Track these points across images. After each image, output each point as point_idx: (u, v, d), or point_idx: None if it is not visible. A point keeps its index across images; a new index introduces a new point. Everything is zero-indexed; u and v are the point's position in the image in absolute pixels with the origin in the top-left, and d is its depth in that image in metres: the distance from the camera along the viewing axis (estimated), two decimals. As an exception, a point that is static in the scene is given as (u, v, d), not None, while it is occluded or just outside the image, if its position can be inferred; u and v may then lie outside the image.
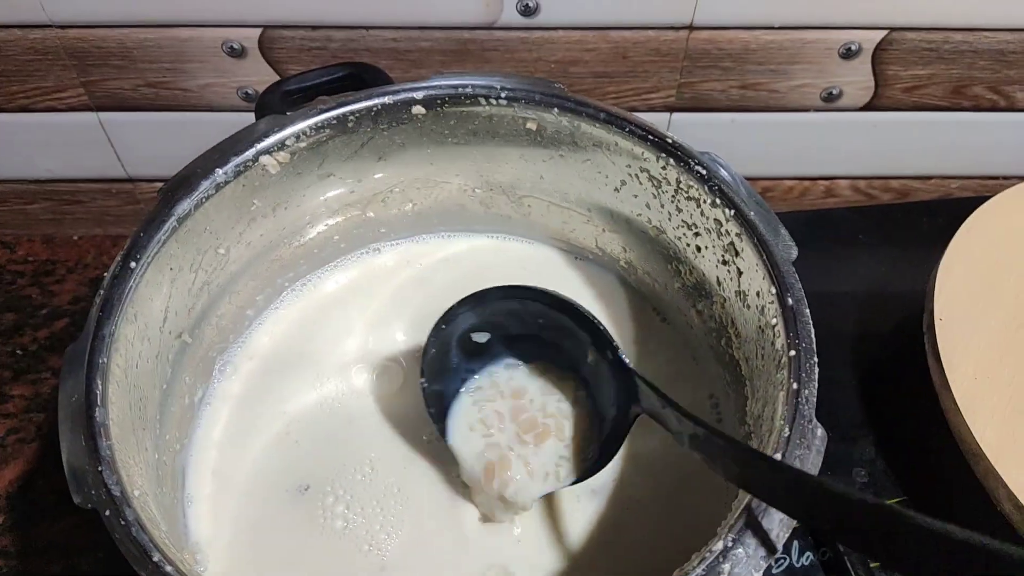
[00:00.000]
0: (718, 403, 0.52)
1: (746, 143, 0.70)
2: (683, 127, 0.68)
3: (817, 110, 0.68)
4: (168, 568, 0.33)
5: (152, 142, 0.67)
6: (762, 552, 0.35)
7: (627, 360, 0.43)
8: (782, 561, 0.51)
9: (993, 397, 0.51)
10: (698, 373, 0.54)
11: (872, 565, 0.50)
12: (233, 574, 0.46)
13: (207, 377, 0.52)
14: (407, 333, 0.56)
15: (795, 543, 0.52)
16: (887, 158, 0.73)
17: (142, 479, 0.39)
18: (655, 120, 0.65)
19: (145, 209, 0.72)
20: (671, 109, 0.67)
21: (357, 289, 0.58)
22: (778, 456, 0.37)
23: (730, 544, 0.35)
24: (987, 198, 0.60)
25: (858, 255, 0.69)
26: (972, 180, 0.76)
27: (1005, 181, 0.75)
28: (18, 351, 0.65)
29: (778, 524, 0.35)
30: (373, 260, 0.59)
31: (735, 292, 0.47)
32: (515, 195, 0.57)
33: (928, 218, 0.71)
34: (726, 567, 0.34)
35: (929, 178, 0.75)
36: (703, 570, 0.34)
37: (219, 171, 0.45)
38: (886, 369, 0.62)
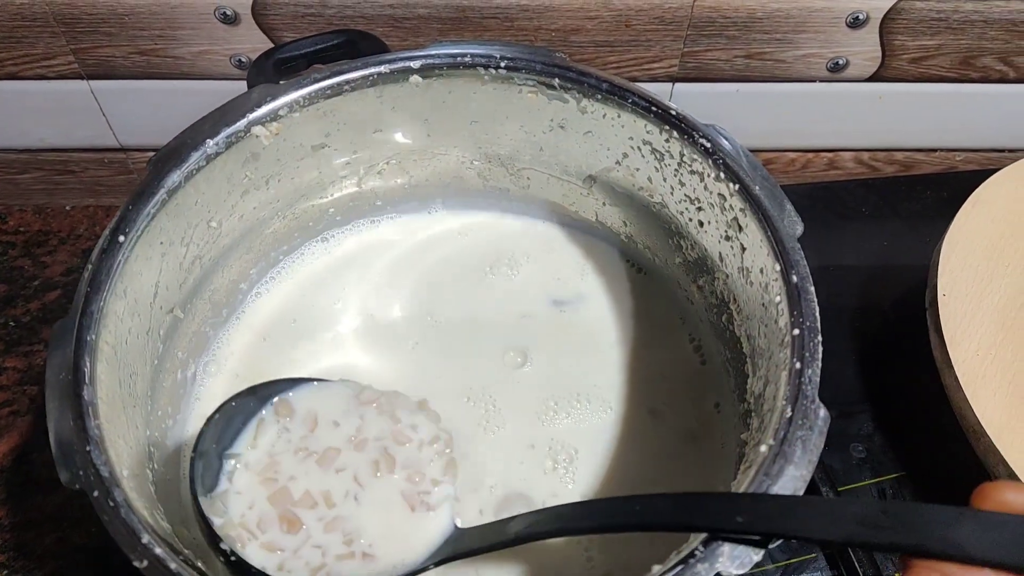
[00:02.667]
0: (700, 346, 0.53)
1: (749, 114, 0.69)
2: (686, 97, 0.67)
3: (823, 81, 0.66)
4: (158, 550, 0.33)
5: (144, 111, 0.66)
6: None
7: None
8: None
9: (996, 375, 0.50)
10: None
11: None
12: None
13: (200, 352, 0.51)
14: (404, 306, 0.56)
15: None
16: (892, 130, 0.72)
17: (132, 458, 0.38)
18: (657, 91, 0.63)
19: (138, 179, 0.71)
20: (674, 79, 0.66)
21: (353, 262, 0.57)
22: (781, 435, 0.36)
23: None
24: (992, 171, 0.59)
25: (860, 228, 0.68)
26: (977, 153, 0.75)
27: (1011, 154, 0.74)
28: (10, 323, 0.65)
29: None
30: (369, 233, 0.58)
31: (738, 268, 0.46)
32: (514, 167, 0.56)
33: (932, 191, 0.70)
34: (725, 548, 0.34)
35: (934, 151, 0.74)
36: (703, 550, 0.34)
37: (210, 142, 0.44)
38: (886, 344, 0.61)
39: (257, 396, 0.43)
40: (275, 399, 0.43)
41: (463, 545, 0.40)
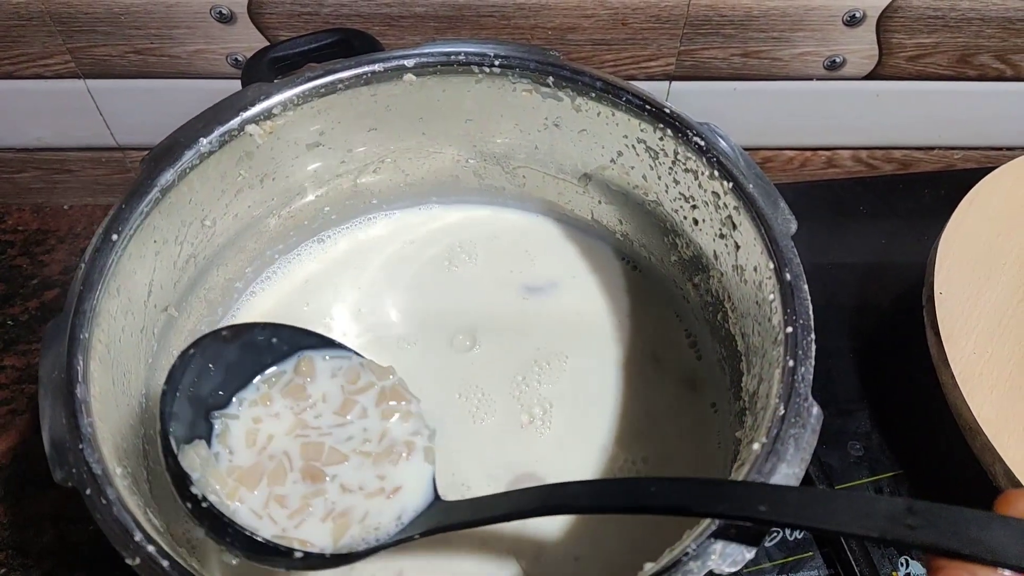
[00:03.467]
0: (696, 341, 0.53)
1: (747, 112, 0.69)
2: (682, 96, 0.67)
3: (820, 79, 0.66)
4: (150, 548, 0.33)
5: (141, 110, 0.66)
6: (753, 532, 0.34)
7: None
8: (775, 535, 0.51)
9: (992, 373, 0.50)
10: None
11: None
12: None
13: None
14: (401, 304, 0.56)
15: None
16: (890, 128, 0.72)
17: (126, 456, 0.39)
18: (654, 89, 0.63)
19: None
20: (670, 78, 0.66)
21: (349, 261, 0.57)
22: (774, 433, 0.36)
23: (721, 522, 0.34)
24: (990, 169, 0.59)
25: (859, 227, 0.68)
26: (975, 151, 0.75)
27: (1009, 152, 0.74)
28: (9, 321, 0.65)
29: None
30: (365, 231, 0.58)
31: (732, 266, 0.46)
32: (509, 166, 0.56)
33: (930, 189, 0.70)
34: (718, 547, 0.34)
35: (932, 149, 0.74)
36: (695, 548, 0.34)
37: (203, 140, 0.45)
38: (884, 342, 0.61)
39: (241, 343, 0.42)
40: (299, 356, 0.43)
41: (455, 517, 0.39)
